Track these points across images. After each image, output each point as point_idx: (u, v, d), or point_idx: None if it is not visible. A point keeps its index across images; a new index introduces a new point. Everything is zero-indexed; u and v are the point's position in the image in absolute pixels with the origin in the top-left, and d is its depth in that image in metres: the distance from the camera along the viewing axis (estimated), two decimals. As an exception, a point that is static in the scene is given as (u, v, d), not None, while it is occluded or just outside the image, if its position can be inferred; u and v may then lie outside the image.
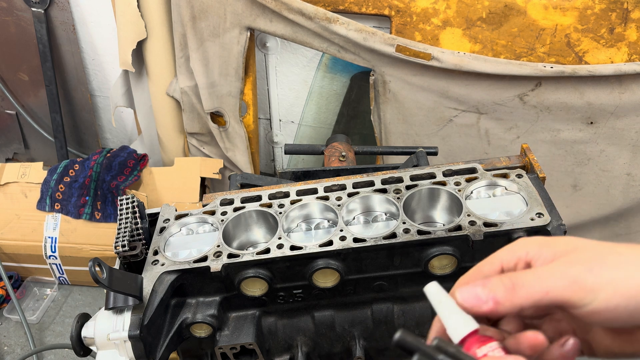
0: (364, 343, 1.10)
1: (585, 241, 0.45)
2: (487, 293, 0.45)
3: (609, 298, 0.41)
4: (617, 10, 1.52)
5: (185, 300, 1.02)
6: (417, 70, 1.70)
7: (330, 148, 1.63)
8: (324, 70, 2.07)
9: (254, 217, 1.08)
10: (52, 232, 1.94)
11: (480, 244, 0.99)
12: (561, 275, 0.43)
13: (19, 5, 2.13)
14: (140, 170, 2.05)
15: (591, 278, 0.42)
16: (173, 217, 1.09)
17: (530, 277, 0.44)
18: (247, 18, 1.80)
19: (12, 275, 2.04)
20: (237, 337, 1.02)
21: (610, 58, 1.58)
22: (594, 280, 0.42)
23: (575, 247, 0.45)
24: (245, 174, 1.33)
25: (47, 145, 2.47)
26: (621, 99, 1.60)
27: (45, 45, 2.15)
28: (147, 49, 2.02)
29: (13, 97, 2.37)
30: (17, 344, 1.90)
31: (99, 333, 0.94)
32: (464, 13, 1.61)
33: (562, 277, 0.43)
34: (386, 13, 1.68)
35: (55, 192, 1.95)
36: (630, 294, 0.41)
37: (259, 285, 1.00)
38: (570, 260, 0.44)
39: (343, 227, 1.00)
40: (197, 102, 2.07)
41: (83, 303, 2.05)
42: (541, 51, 1.60)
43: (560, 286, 0.42)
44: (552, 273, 0.43)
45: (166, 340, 0.98)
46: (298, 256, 0.96)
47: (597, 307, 0.42)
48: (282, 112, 2.27)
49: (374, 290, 1.05)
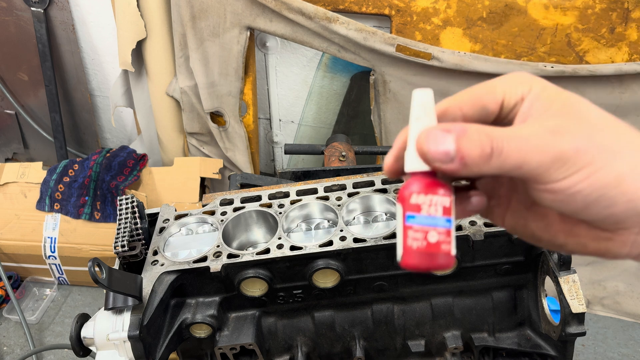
0: (364, 343, 1.09)
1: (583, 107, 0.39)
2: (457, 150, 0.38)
3: (577, 181, 0.37)
4: (617, 10, 1.52)
5: (185, 300, 1.02)
6: (418, 70, 1.70)
7: (330, 148, 1.63)
8: (324, 70, 2.07)
9: (254, 217, 1.08)
10: (52, 232, 1.93)
11: (481, 244, 0.99)
12: (544, 149, 0.37)
13: (18, 5, 2.12)
14: (140, 170, 2.05)
15: (573, 158, 0.37)
16: (173, 217, 1.09)
17: (512, 145, 0.38)
18: (247, 18, 1.80)
19: (11, 275, 2.04)
20: (237, 337, 1.02)
21: (611, 58, 1.58)
22: (574, 160, 0.37)
23: (571, 111, 0.39)
24: (245, 174, 1.33)
25: (46, 145, 2.47)
26: (622, 99, 1.60)
27: (45, 45, 2.14)
28: (146, 48, 2.02)
29: (12, 97, 2.37)
30: (17, 344, 1.90)
31: (98, 333, 0.94)
32: (464, 12, 1.61)
33: (544, 152, 0.37)
34: (386, 12, 1.68)
35: (54, 192, 1.94)
36: (599, 184, 0.37)
37: (258, 286, 0.99)
38: (559, 128, 0.38)
39: (343, 227, 0.99)
40: (196, 102, 2.07)
41: (83, 303, 2.05)
42: (542, 51, 1.60)
43: (537, 162, 0.37)
44: (535, 144, 0.37)
45: (166, 340, 0.98)
46: (298, 256, 0.96)
47: (560, 186, 0.38)
48: (282, 112, 2.26)
49: (374, 290, 1.05)
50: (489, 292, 1.09)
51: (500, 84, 0.42)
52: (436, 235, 0.40)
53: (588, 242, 0.41)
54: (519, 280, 1.08)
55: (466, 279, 1.06)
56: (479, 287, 1.08)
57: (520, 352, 1.09)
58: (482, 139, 0.38)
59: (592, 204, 0.38)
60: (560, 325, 0.96)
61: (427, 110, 0.41)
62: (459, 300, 1.09)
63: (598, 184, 0.37)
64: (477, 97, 0.42)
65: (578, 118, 0.39)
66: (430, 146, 0.39)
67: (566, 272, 0.95)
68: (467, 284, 1.07)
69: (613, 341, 1.79)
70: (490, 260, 1.04)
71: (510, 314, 1.10)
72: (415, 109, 0.42)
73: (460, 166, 0.38)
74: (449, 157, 0.38)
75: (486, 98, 0.42)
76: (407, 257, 0.41)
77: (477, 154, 0.38)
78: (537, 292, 1.06)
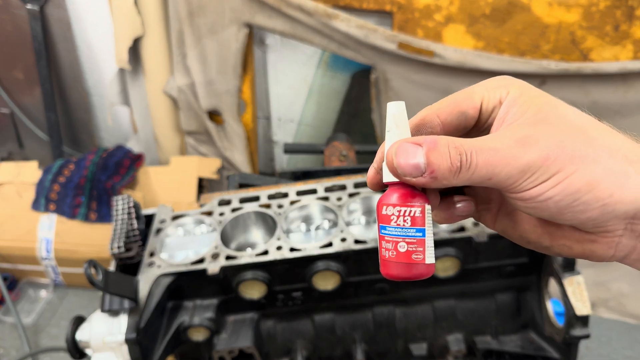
0: (365, 346, 1.08)
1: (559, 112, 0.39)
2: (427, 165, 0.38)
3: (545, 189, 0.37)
4: (622, 8, 1.50)
5: (183, 302, 1.00)
6: (420, 68, 1.68)
7: (331, 147, 1.61)
8: (324, 68, 2.05)
9: (253, 218, 1.06)
10: (47, 233, 1.91)
11: (484, 245, 0.97)
12: (512, 162, 0.37)
13: (14, 3, 2.10)
14: (136, 170, 2.03)
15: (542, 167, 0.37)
16: (170, 217, 1.07)
17: (480, 158, 0.37)
18: (245, 14, 1.78)
19: (6, 277, 2.02)
20: (235, 340, 1.00)
21: (615, 56, 1.56)
22: (544, 170, 0.37)
23: (545, 118, 0.39)
24: (244, 173, 1.31)
25: (42, 144, 2.44)
26: (626, 97, 1.58)
27: (41, 43, 2.12)
28: (143, 46, 2.00)
29: (8, 96, 2.35)
30: (12, 347, 1.87)
31: (94, 336, 0.93)
32: (467, 9, 1.59)
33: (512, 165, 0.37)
34: (388, 9, 1.66)
35: (50, 192, 1.92)
36: (570, 190, 0.37)
37: (257, 288, 0.97)
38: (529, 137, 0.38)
39: (344, 228, 0.98)
40: (194, 101, 2.05)
41: (79, 305, 2.03)
42: (545, 49, 1.58)
43: (506, 174, 0.37)
44: (504, 157, 0.37)
45: (163, 343, 0.96)
46: (298, 258, 0.94)
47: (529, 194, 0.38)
48: (281, 111, 2.24)
49: (375, 292, 1.03)
50: (492, 295, 1.07)
51: (478, 88, 0.42)
52: (405, 246, 0.41)
53: (573, 244, 0.42)
54: (523, 282, 1.06)
55: (469, 281, 1.04)
56: (482, 290, 1.07)
57: (523, 355, 1.07)
58: (452, 152, 0.38)
59: (566, 209, 0.38)
60: (564, 327, 0.94)
61: (398, 122, 0.42)
62: (461, 302, 1.07)
63: (569, 190, 0.37)
64: (455, 103, 0.42)
65: (551, 125, 0.39)
66: (400, 160, 0.39)
67: (570, 274, 0.94)
68: (470, 286, 1.06)
69: (617, 344, 1.77)
70: (494, 262, 1.02)
71: (514, 316, 1.08)
72: (388, 122, 0.42)
73: (431, 180, 0.39)
74: (419, 171, 0.38)
75: (464, 104, 0.42)
76: (384, 267, 0.42)
77: (446, 167, 0.38)
78: (540, 294, 1.04)
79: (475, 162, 0.38)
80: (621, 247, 0.40)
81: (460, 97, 0.42)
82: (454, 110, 0.42)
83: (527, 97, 0.40)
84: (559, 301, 0.98)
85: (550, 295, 1.04)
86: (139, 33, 1.94)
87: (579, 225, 0.39)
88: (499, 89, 0.41)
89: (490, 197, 0.46)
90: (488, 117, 0.42)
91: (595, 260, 0.42)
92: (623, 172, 0.37)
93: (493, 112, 0.42)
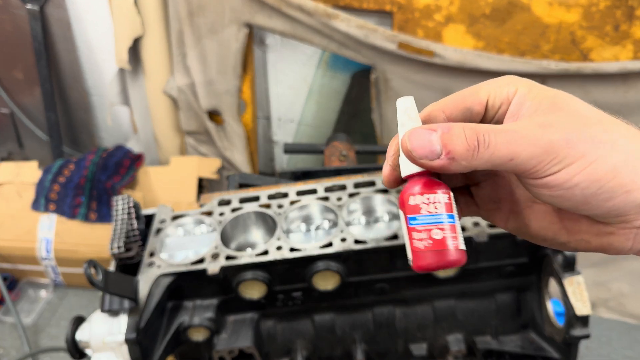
0: (365, 347, 1.07)
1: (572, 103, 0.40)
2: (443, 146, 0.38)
3: (572, 174, 0.36)
4: (622, 8, 1.50)
5: (182, 303, 1.00)
6: (420, 68, 1.68)
7: (331, 147, 1.61)
8: (324, 68, 2.05)
9: (253, 218, 1.06)
10: (47, 233, 1.91)
11: (484, 245, 0.97)
12: (534, 141, 0.37)
13: (14, 3, 2.10)
14: (136, 170, 2.03)
15: (565, 150, 0.36)
16: (169, 217, 1.07)
17: (499, 138, 0.37)
18: (245, 14, 1.78)
19: (6, 277, 2.01)
20: (235, 340, 1.00)
21: (616, 56, 1.56)
22: (567, 153, 0.36)
23: (560, 107, 0.39)
24: (244, 173, 1.31)
25: (42, 144, 2.44)
26: (626, 98, 1.58)
27: (41, 43, 2.12)
28: (143, 46, 2.00)
29: (7, 96, 2.34)
30: (12, 347, 1.87)
31: (94, 336, 0.93)
32: (467, 9, 1.59)
33: (535, 144, 0.37)
34: (388, 9, 1.66)
35: (50, 192, 1.92)
36: (595, 177, 0.36)
37: (257, 288, 0.97)
38: (549, 122, 0.38)
39: (344, 228, 0.97)
40: (194, 100, 2.05)
41: (79, 305, 2.02)
42: (545, 49, 1.58)
43: (529, 154, 0.37)
44: (525, 136, 0.37)
45: (163, 343, 0.96)
46: (298, 258, 0.94)
47: (556, 180, 0.37)
48: (281, 111, 2.24)
49: (375, 292, 1.03)
50: (492, 295, 1.07)
51: (485, 86, 0.42)
52: (440, 232, 0.40)
53: (591, 238, 0.41)
54: (523, 282, 1.06)
55: (469, 281, 1.04)
56: (482, 290, 1.07)
57: (524, 355, 1.07)
58: (467, 132, 0.38)
59: (591, 197, 0.37)
60: (564, 327, 0.94)
61: (410, 116, 0.42)
62: (461, 302, 1.07)
63: (594, 177, 0.36)
64: (460, 99, 0.42)
65: (567, 113, 0.38)
66: (414, 144, 0.39)
67: (571, 274, 0.94)
68: (470, 286, 1.06)
69: (617, 344, 1.77)
70: (494, 262, 1.02)
71: (514, 316, 1.08)
72: (400, 117, 0.42)
73: (449, 161, 0.38)
74: (435, 153, 0.38)
75: (470, 99, 0.42)
76: (417, 259, 0.40)
77: (463, 147, 0.37)
78: (540, 294, 1.04)
79: (494, 141, 0.37)
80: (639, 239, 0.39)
81: (465, 93, 0.42)
82: (460, 106, 0.42)
83: (537, 92, 0.40)
84: (559, 301, 0.97)
85: (550, 295, 1.03)
86: (139, 33, 1.94)
87: (601, 215, 0.39)
88: (506, 86, 0.41)
89: (500, 196, 0.46)
90: (494, 114, 0.42)
91: (613, 253, 0.41)
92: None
93: (500, 109, 0.41)
